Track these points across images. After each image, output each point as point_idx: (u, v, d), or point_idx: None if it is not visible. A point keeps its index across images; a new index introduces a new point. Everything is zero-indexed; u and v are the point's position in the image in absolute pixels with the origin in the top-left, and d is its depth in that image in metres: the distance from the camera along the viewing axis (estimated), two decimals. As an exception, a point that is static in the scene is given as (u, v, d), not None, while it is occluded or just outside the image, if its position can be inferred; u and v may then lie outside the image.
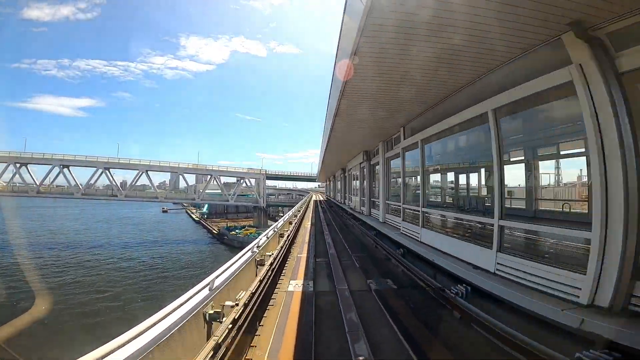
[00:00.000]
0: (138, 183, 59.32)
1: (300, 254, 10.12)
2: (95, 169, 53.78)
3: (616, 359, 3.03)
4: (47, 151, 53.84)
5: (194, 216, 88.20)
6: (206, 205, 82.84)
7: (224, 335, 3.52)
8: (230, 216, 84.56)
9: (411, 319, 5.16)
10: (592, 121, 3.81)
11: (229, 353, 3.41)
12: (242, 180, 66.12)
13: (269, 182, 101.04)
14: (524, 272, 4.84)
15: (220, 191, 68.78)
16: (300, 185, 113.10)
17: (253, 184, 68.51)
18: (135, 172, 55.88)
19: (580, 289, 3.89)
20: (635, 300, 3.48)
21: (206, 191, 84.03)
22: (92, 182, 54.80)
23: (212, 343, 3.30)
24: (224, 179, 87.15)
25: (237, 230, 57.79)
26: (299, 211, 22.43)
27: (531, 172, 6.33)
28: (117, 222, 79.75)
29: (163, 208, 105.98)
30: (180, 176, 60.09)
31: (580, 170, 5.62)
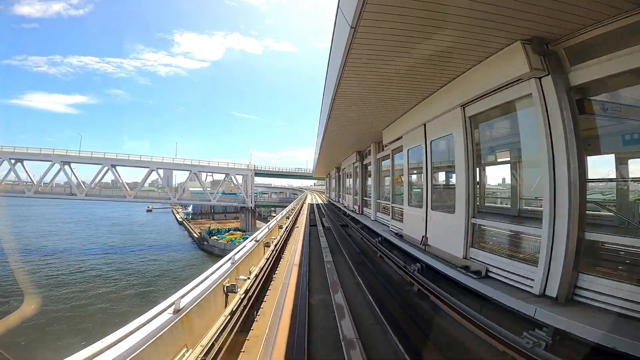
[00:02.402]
0: (128, 180, 51.49)
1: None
2: (50, 163, 45.83)
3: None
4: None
5: (178, 216, 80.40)
6: (191, 205, 75.14)
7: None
8: (217, 217, 76.75)
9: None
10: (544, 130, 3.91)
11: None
12: (227, 177, 58.19)
13: (262, 180, 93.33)
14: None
15: (200, 190, 61.07)
16: (297, 183, 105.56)
17: (240, 181, 60.57)
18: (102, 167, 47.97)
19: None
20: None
21: (191, 189, 76.54)
22: (48, 178, 46.85)
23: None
24: (215, 177, 79.83)
25: (218, 235, 49.91)
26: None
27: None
28: (92, 223, 72.03)
29: (148, 207, 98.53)
30: (156, 172, 51.98)
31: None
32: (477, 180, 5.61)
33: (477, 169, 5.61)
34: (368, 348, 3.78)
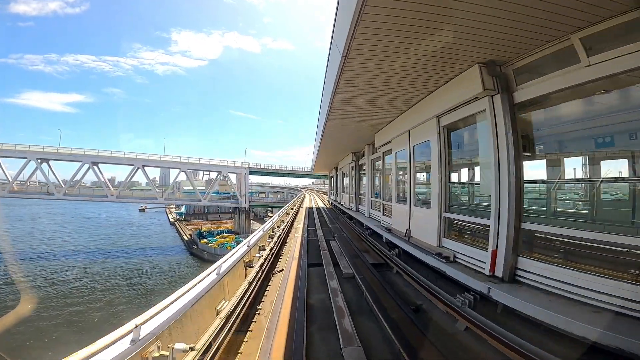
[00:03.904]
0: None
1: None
2: (26, 160, 42.25)
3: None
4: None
5: (170, 217, 77.01)
6: (184, 205, 71.69)
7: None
8: (211, 217, 73.24)
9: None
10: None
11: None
12: (219, 175, 54.64)
13: (259, 179, 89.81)
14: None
15: (197, 190, 57.51)
16: (294, 182, 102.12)
17: (234, 180, 57.01)
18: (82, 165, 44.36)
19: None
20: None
21: (186, 188, 73.03)
22: (25, 176, 43.32)
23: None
24: (211, 175, 76.14)
25: (209, 238, 46.39)
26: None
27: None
28: (78, 223, 68.63)
29: (140, 207, 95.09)
30: (142, 170, 48.37)
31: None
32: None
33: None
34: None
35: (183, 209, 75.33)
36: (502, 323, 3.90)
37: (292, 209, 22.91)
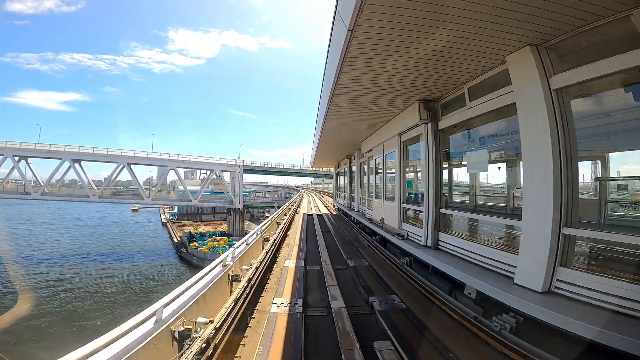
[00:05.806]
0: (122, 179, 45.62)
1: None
2: (2, 157, 39.24)
3: None
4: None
5: (163, 217, 74.12)
6: (177, 206, 68.72)
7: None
8: (205, 217, 70.32)
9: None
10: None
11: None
12: (211, 174, 51.66)
13: (257, 178, 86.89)
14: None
15: (193, 189, 54.61)
16: (293, 181, 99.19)
17: (228, 179, 54.04)
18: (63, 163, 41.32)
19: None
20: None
21: (180, 187, 70.11)
22: (1, 175, 40.32)
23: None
24: (205, 175, 73.17)
25: (199, 241, 43.36)
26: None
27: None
28: (65, 223, 65.87)
29: (134, 207, 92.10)
30: (127, 168, 45.38)
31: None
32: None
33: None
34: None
35: (176, 209, 72.43)
36: None
37: (278, 223, 13.71)
